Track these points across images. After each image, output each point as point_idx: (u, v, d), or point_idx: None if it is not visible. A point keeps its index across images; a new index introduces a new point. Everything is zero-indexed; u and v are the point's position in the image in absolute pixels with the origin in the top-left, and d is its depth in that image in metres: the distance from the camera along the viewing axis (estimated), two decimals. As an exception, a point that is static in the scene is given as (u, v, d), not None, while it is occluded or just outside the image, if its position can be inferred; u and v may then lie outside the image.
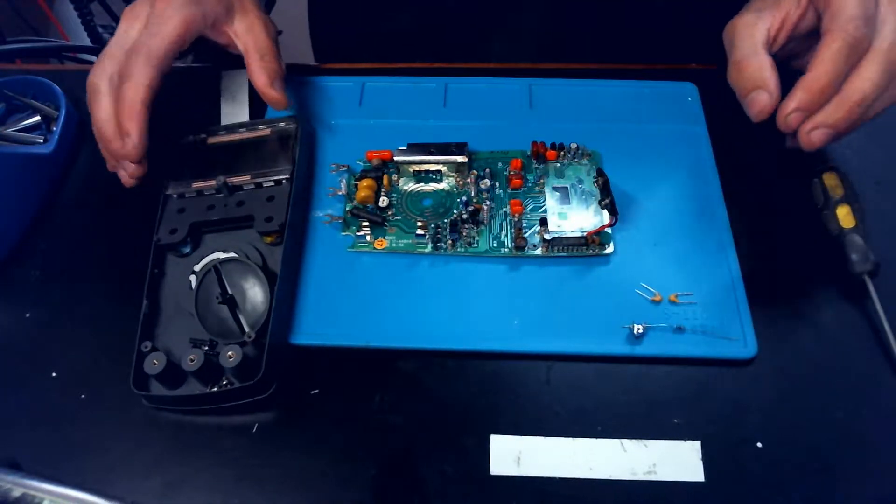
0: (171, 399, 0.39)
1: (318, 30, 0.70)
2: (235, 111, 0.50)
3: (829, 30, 0.39)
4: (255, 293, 0.40)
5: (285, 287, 0.41)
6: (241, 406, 0.39)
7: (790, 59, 0.46)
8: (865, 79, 0.38)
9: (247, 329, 0.39)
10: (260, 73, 0.45)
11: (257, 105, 0.51)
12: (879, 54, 0.38)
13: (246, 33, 0.45)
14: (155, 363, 0.38)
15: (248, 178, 0.44)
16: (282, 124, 0.47)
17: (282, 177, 0.44)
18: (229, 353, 0.37)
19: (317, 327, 0.41)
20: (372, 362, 0.40)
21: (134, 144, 0.42)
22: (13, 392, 0.40)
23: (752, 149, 0.45)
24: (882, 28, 0.39)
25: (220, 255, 0.42)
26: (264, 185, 0.44)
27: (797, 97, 0.39)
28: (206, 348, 0.39)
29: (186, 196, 0.44)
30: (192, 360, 0.38)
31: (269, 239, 0.42)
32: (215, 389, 0.38)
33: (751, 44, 0.42)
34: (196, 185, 0.44)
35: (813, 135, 0.40)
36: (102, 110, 0.42)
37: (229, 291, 0.40)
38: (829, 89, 0.39)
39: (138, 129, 0.41)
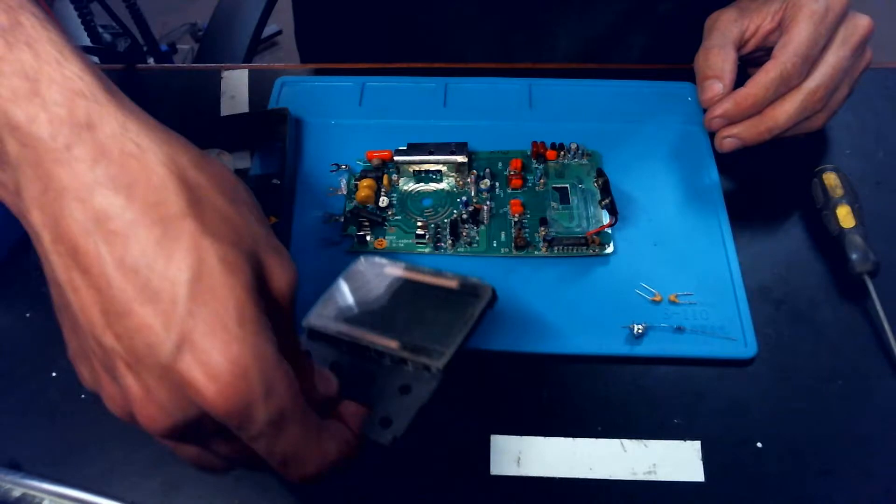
0: None
1: (302, 31, 0.71)
2: (235, 111, 0.50)
3: (774, 56, 0.43)
4: None
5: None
6: None
7: (752, 65, 0.48)
8: (783, 111, 0.43)
9: None
10: None
11: (257, 105, 0.52)
12: (803, 93, 0.43)
13: None
14: None
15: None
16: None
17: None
18: None
19: (317, 327, 0.41)
20: (372, 362, 0.40)
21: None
22: (13, 392, 0.40)
23: (752, 149, 0.45)
24: (815, 70, 0.43)
25: None
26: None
27: (725, 106, 0.43)
28: None
29: None
30: None
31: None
32: None
33: (724, 37, 0.45)
34: None
35: (725, 142, 0.45)
36: None
37: None
38: (752, 109, 0.43)
39: None
